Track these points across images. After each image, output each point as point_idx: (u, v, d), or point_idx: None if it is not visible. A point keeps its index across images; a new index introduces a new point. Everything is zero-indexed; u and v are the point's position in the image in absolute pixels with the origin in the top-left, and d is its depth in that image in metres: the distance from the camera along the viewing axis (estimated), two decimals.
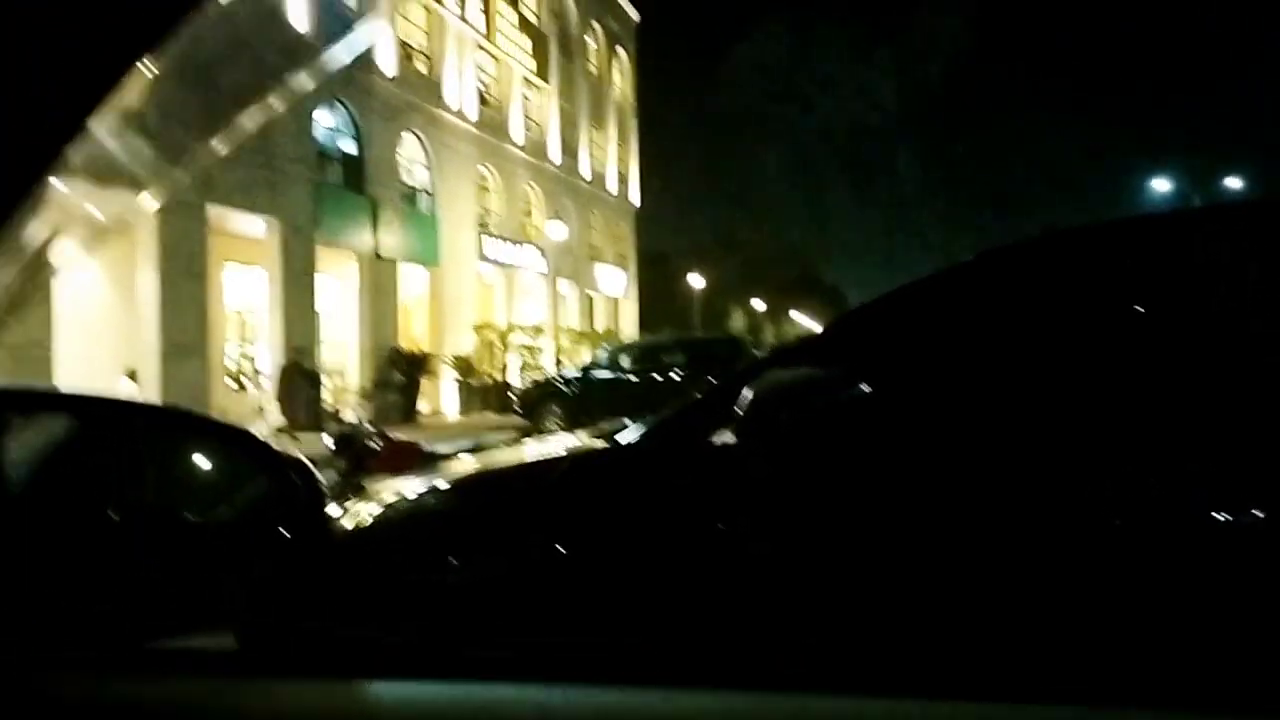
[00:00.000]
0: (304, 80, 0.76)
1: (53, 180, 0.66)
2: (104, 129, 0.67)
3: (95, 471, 0.99)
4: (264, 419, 18.42)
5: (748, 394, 2.06)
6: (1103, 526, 1.84)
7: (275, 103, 0.75)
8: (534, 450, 3.16)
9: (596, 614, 2.06)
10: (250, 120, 0.74)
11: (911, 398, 2.16)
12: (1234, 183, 34.79)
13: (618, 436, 2.47)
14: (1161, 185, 35.22)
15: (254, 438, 1.01)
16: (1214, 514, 1.80)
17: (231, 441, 1.04)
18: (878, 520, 1.98)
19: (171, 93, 0.68)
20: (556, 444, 3.04)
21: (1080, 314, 2.16)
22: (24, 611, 0.83)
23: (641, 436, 2.40)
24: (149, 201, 0.78)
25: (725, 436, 2.15)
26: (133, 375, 14.97)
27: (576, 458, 2.56)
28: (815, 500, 2.07)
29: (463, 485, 2.64)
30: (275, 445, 1.00)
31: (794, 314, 58.56)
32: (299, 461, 0.96)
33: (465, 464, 3.10)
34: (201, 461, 1.07)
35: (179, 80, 0.67)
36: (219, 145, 0.75)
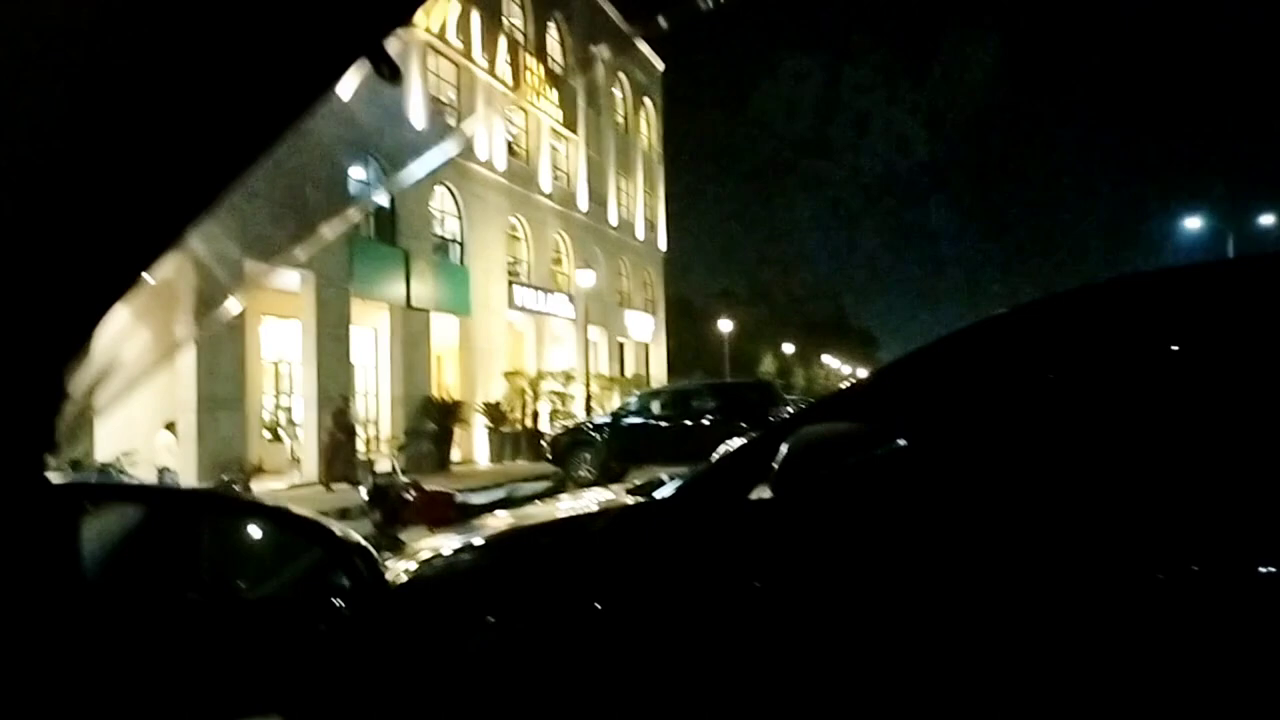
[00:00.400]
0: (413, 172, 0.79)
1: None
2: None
3: (165, 558, 1.03)
4: (298, 470, 18.59)
5: (784, 449, 2.06)
6: (1153, 587, 1.81)
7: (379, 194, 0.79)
8: (568, 506, 3.17)
9: (636, 674, 2.05)
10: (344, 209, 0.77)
11: (948, 452, 2.15)
12: (1268, 219, 34.32)
13: (655, 493, 2.48)
14: (1193, 224, 34.79)
15: (322, 525, 1.07)
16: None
17: (298, 528, 1.09)
18: (915, 576, 1.98)
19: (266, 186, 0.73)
20: (591, 499, 3.06)
21: (1122, 366, 2.14)
22: (99, 699, 0.86)
23: (677, 492, 2.41)
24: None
25: (762, 492, 2.15)
26: (171, 427, 15.19)
27: (614, 514, 2.56)
28: (853, 556, 2.06)
29: (498, 543, 2.67)
30: (338, 530, 1.05)
31: (825, 358, 58.15)
32: (363, 547, 1.02)
33: (499, 521, 3.12)
34: (272, 546, 1.11)
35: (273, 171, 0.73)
36: (308, 220, 0.78)
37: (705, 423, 17.65)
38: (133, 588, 0.99)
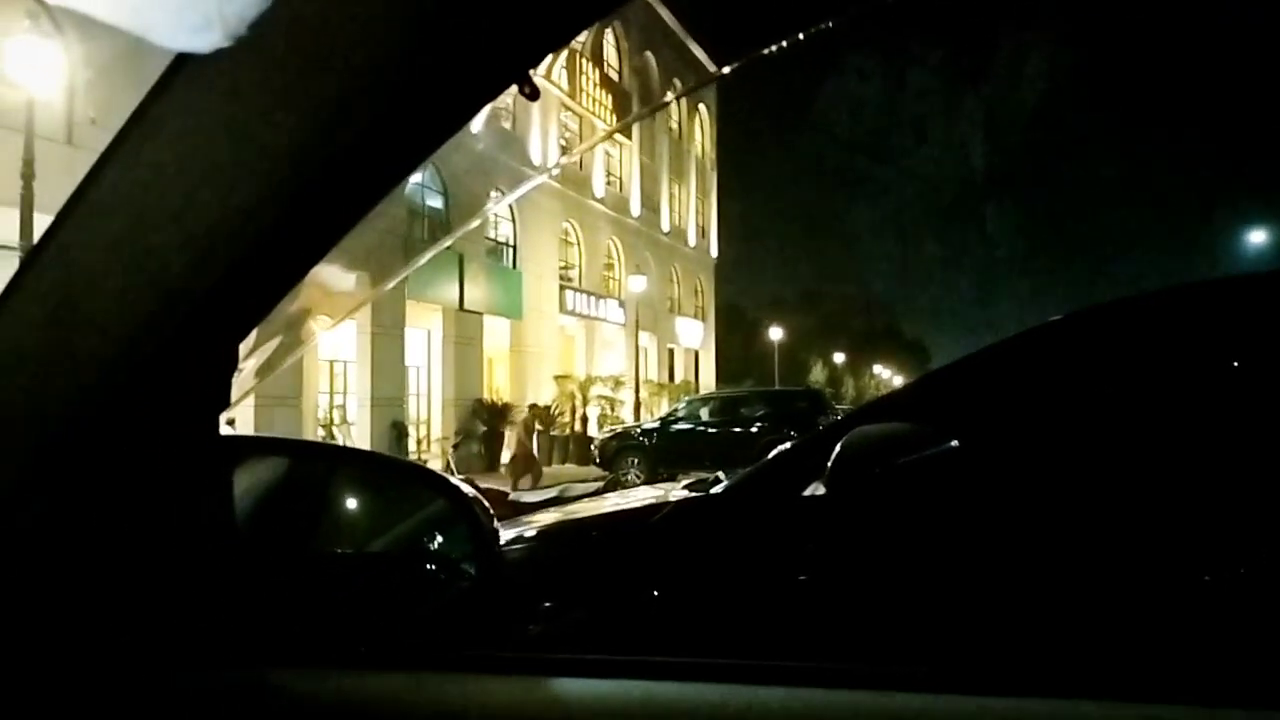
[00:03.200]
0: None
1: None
2: None
3: (305, 507, 1.12)
4: None
5: (838, 447, 2.09)
6: (1207, 592, 1.81)
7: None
8: (614, 503, 3.21)
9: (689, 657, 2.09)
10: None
11: (1000, 454, 2.17)
12: None
13: (712, 489, 2.53)
14: (1257, 238, 33.86)
15: (442, 478, 1.12)
16: None
17: (421, 480, 1.15)
18: (962, 573, 2.00)
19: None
20: (636, 497, 3.10)
21: (1167, 375, 2.15)
22: (252, 620, 0.95)
23: (733, 487, 2.45)
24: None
25: (816, 489, 2.18)
26: (231, 423, 15.49)
27: (671, 507, 2.61)
28: (904, 553, 2.08)
29: (551, 534, 2.71)
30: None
31: (876, 368, 57.69)
32: (479, 500, 1.07)
33: (549, 516, 3.17)
34: (395, 499, 1.18)
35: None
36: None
37: (754, 430, 17.62)
38: (276, 534, 1.07)
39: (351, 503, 1.20)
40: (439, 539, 1.15)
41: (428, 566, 1.17)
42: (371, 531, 1.19)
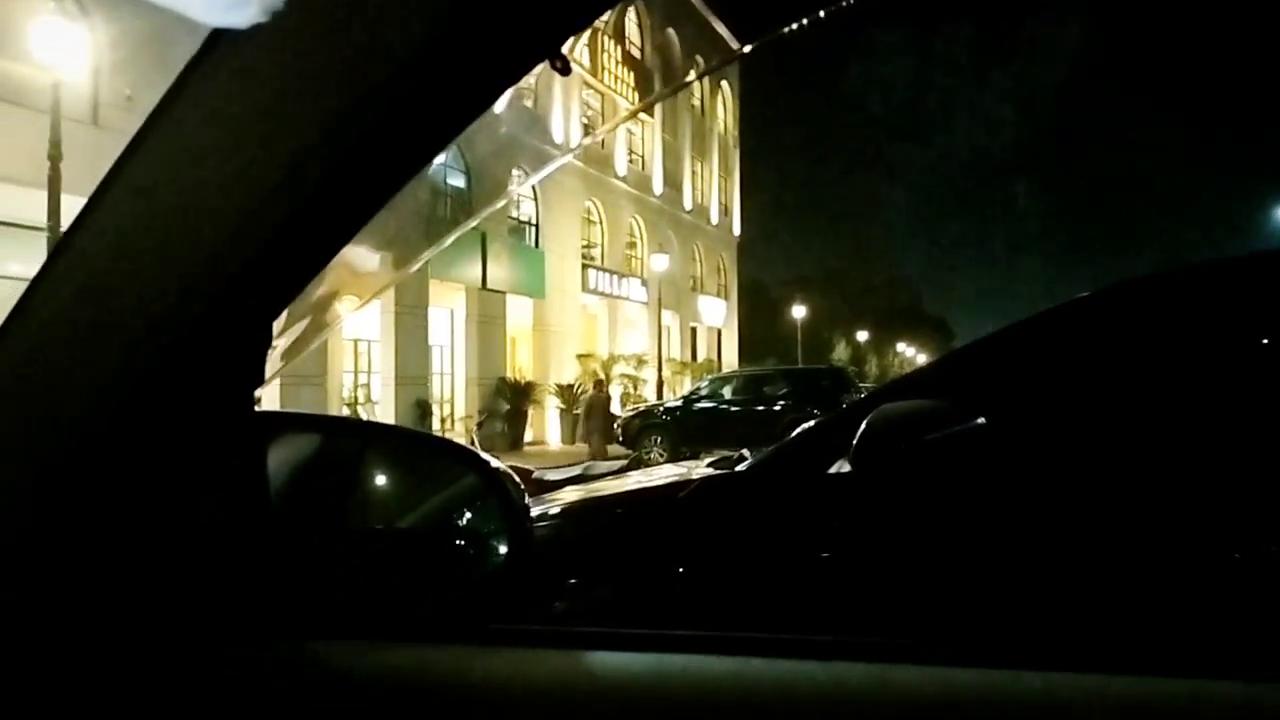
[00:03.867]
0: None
1: None
2: None
3: (338, 482, 1.13)
4: None
5: (864, 424, 2.09)
6: (1236, 570, 1.80)
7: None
8: (636, 481, 3.22)
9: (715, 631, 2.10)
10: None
11: (1027, 431, 2.16)
12: None
13: (737, 467, 2.53)
14: None
15: (474, 454, 1.13)
16: None
17: (454, 456, 1.16)
18: (987, 549, 2.00)
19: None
20: (659, 475, 3.10)
21: (1199, 351, 2.13)
22: (292, 595, 0.96)
23: (756, 464, 2.46)
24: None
25: (841, 466, 2.18)
26: (257, 401, 15.67)
27: (696, 485, 2.62)
28: (931, 530, 2.09)
29: (574, 511, 2.73)
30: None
31: (900, 346, 57.37)
32: (510, 476, 1.07)
33: (572, 493, 3.18)
34: (427, 475, 1.18)
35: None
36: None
37: (777, 408, 17.59)
38: (310, 509, 1.08)
39: (384, 479, 1.20)
40: (471, 515, 1.15)
41: (459, 543, 1.17)
42: (404, 507, 1.19)
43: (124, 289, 0.77)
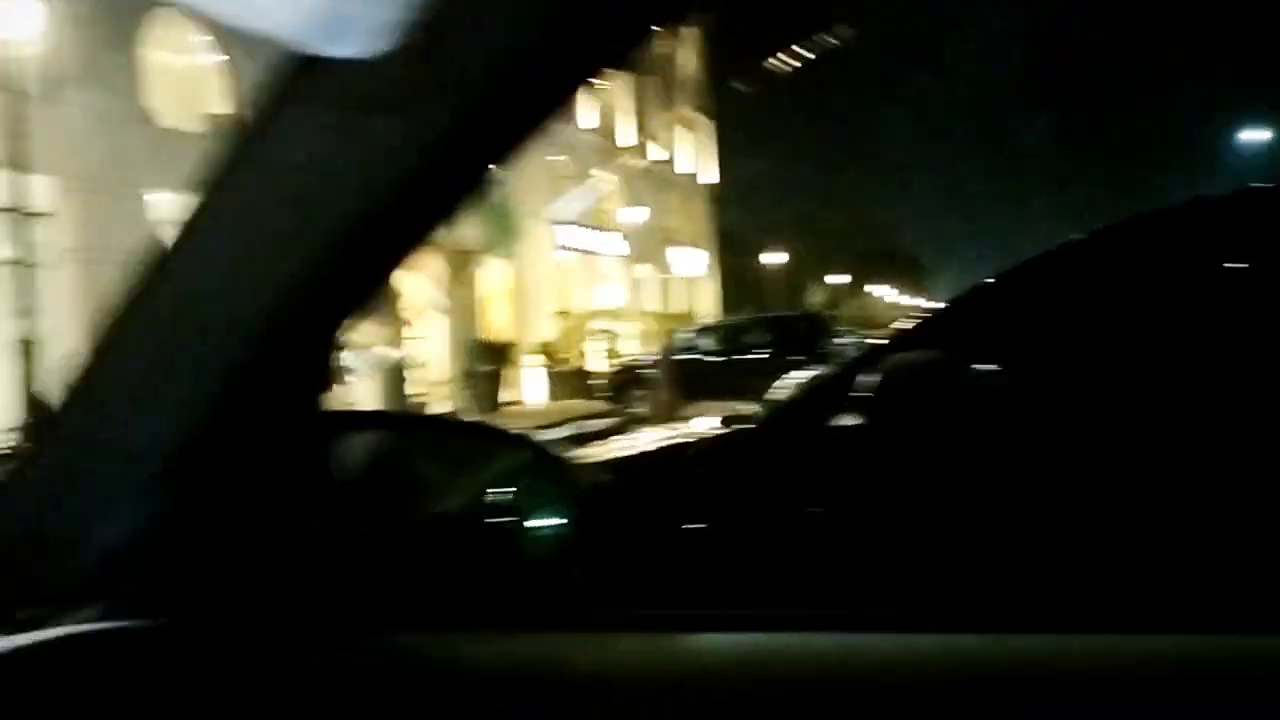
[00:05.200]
0: None
1: None
2: None
3: (401, 475, 1.17)
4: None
5: (873, 377, 2.09)
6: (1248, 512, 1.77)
7: None
8: (649, 439, 3.35)
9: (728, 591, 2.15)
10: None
11: (1040, 377, 2.16)
12: None
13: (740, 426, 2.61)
14: (1259, 135, 33.41)
15: (525, 438, 1.19)
16: None
17: (506, 442, 1.23)
18: (1008, 499, 1.99)
19: None
20: (648, 439, 3.20)
21: (1203, 287, 2.12)
22: (370, 585, 1.00)
23: (764, 421, 2.52)
24: None
25: (851, 419, 2.20)
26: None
27: (707, 443, 2.74)
28: (946, 481, 2.07)
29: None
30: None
31: (869, 288, 58.03)
32: (562, 456, 1.16)
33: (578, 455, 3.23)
34: (483, 461, 1.24)
35: None
36: None
37: (756, 356, 17.63)
38: (378, 503, 1.11)
39: (445, 468, 1.25)
40: (531, 497, 1.19)
41: (524, 524, 1.20)
42: (465, 494, 1.23)
43: (214, 307, 0.83)
